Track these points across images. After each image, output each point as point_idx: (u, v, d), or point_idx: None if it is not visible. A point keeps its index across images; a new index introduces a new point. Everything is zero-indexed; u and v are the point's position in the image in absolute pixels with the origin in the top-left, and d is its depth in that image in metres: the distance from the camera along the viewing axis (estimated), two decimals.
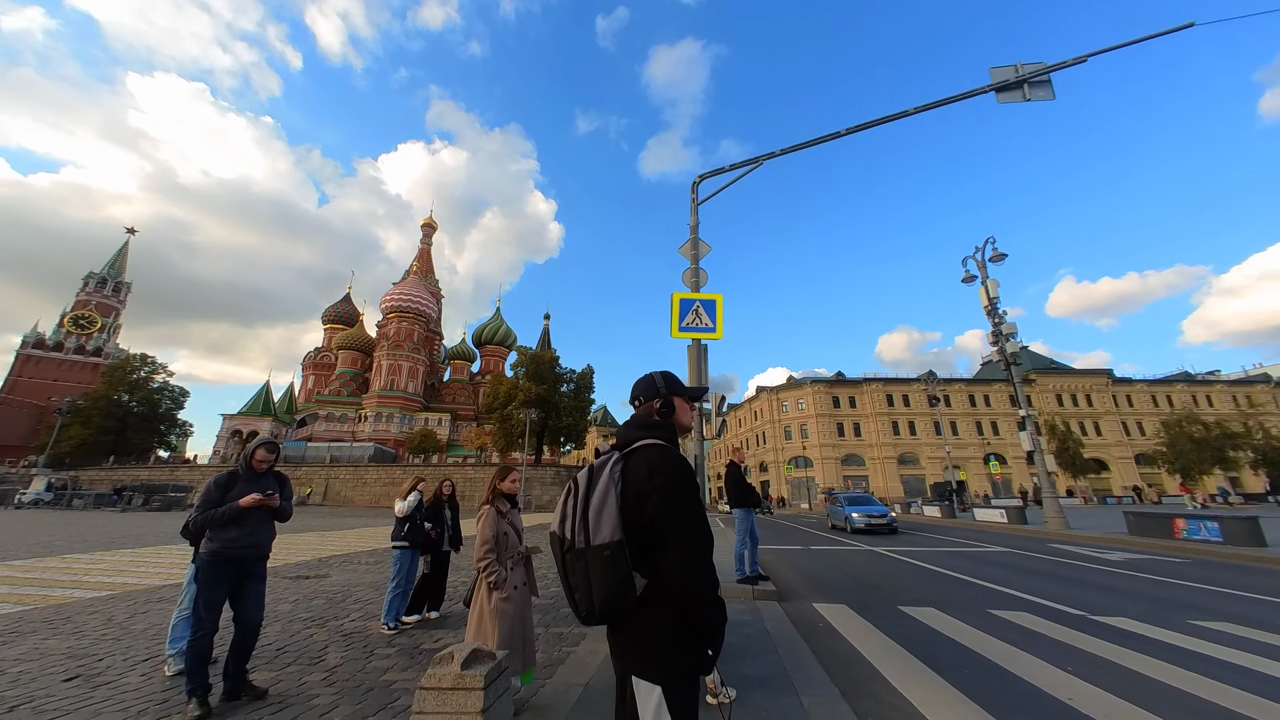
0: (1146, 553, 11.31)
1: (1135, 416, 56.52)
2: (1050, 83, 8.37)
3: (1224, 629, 5.03)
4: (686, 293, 7.45)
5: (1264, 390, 56.66)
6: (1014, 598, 6.56)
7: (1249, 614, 5.67)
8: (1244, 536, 10.97)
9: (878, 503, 18.39)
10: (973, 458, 53.88)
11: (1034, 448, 16.78)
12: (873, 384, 57.58)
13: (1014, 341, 18.98)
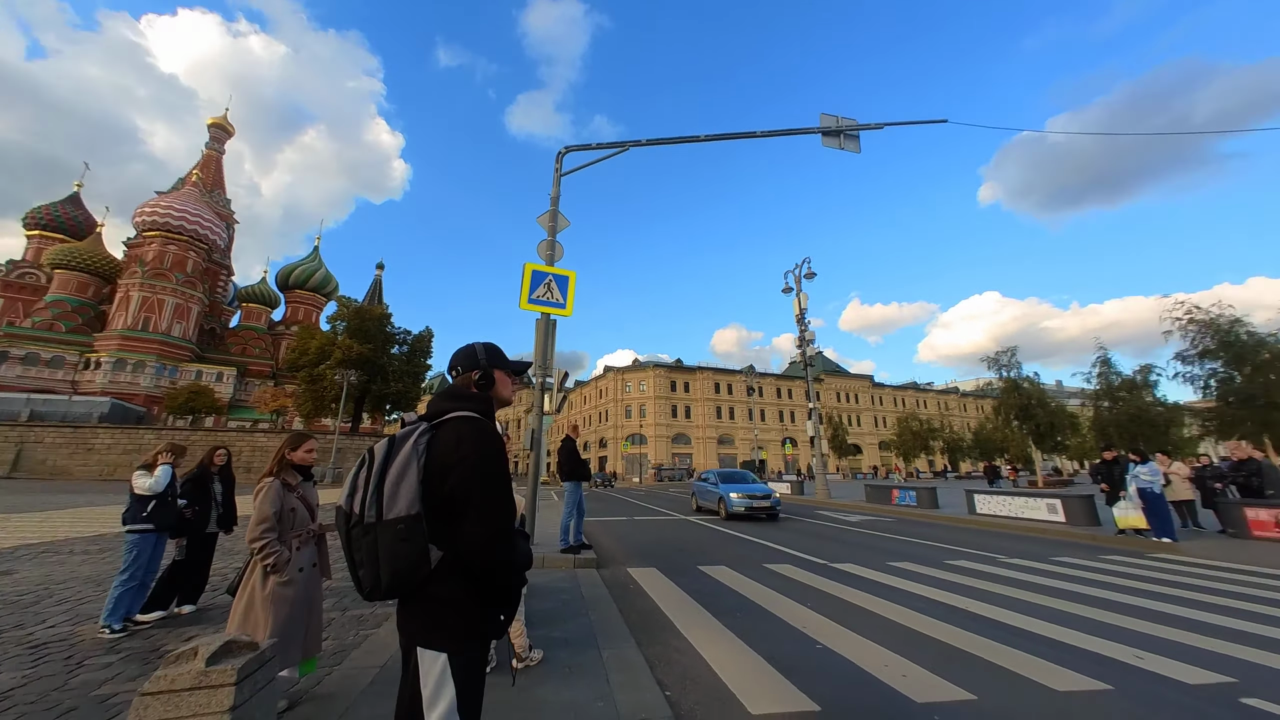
0: (874, 515, 14.96)
1: (883, 413, 73.74)
2: (858, 139, 10.20)
3: (906, 567, 6.97)
4: (540, 265, 7.27)
5: (955, 399, 79.10)
6: (784, 553, 8.09)
7: (924, 555, 7.95)
8: (928, 501, 15.29)
9: (755, 480, 15.02)
10: (774, 440, 64.22)
11: (815, 434, 20.72)
12: (705, 372, 64.18)
13: (813, 347, 23.03)
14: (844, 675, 3.33)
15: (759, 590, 5.55)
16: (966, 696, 2.98)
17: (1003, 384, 28.66)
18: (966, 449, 53.67)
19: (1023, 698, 3.02)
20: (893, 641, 3.92)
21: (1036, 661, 3.54)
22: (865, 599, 5.22)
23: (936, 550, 8.51)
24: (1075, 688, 3.12)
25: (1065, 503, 11.36)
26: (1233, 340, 18.51)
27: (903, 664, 3.46)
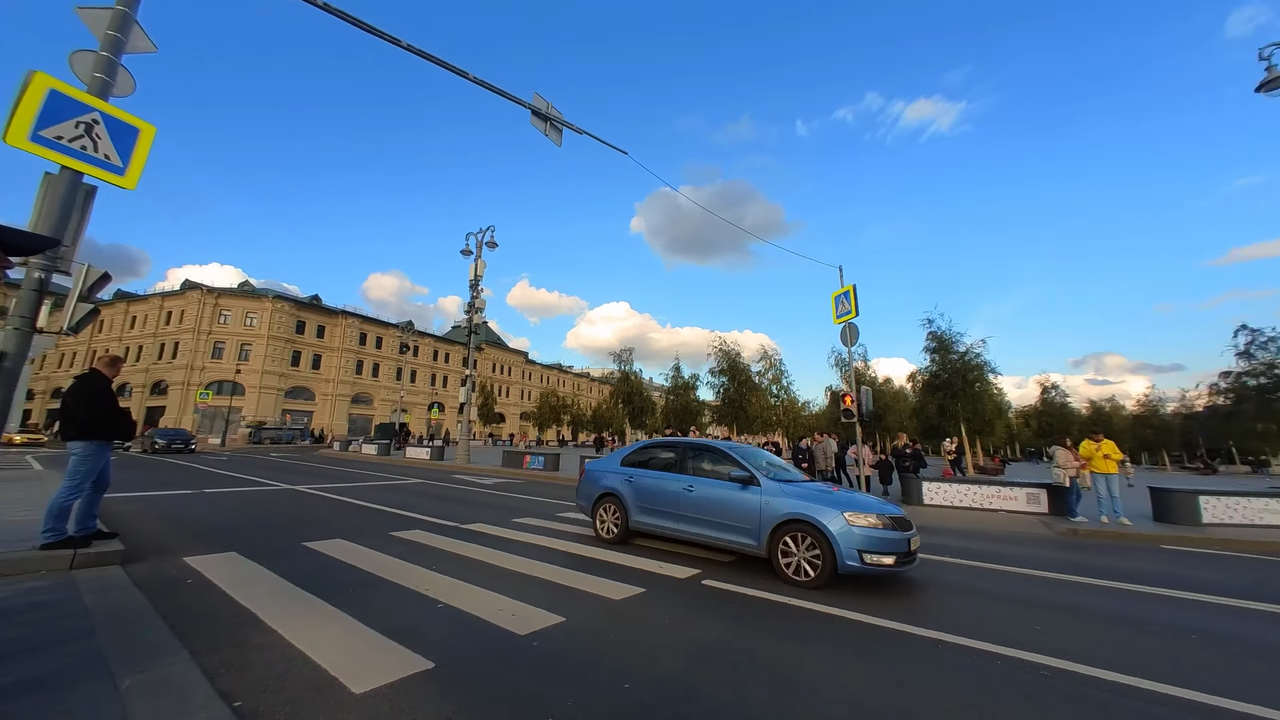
0: (508, 478, 16.39)
1: (530, 387, 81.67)
2: (563, 132, 10.93)
3: (528, 522, 7.96)
4: (71, 86, 4.41)
5: (586, 382, 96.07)
6: (414, 519, 7.79)
7: (543, 511, 9.26)
8: (552, 465, 18.00)
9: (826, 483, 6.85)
10: (421, 404, 60.93)
11: (467, 401, 20.90)
12: (350, 318, 54.54)
13: (481, 316, 23.18)
14: (462, 627, 3.50)
15: (381, 561, 5.15)
16: (557, 619, 3.67)
17: (619, 375, 36.88)
18: (586, 423, 65.99)
19: (595, 610, 3.96)
20: (509, 588, 4.40)
21: (603, 581, 4.71)
22: (490, 554, 5.64)
23: (553, 506, 10.08)
24: (626, 595, 4.34)
25: None
26: (734, 364, 29.95)
27: (515, 605, 3.94)
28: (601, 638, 3.41)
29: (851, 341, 13.81)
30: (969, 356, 25.40)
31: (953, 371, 25.28)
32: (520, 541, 6.43)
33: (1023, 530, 9.11)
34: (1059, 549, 7.59)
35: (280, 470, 16.00)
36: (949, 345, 25.65)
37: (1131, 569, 6.34)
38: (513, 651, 3.15)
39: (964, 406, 25.05)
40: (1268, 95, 11.33)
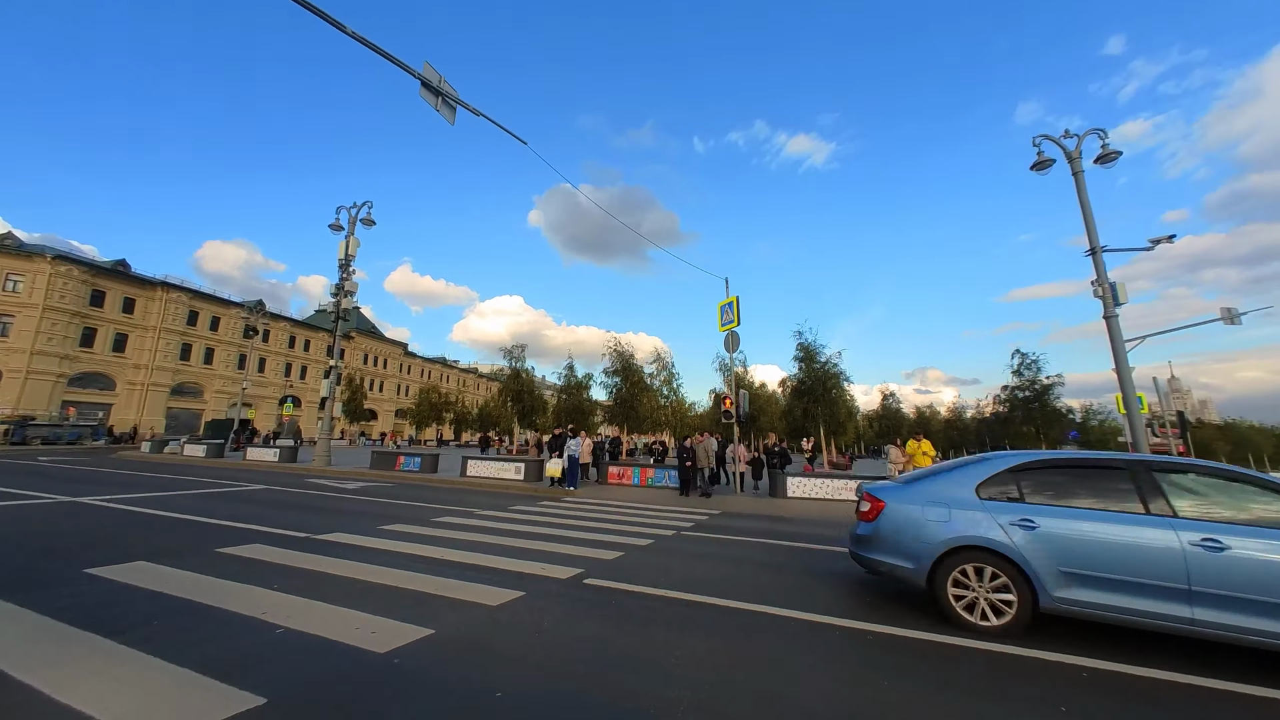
0: (376, 481, 14.80)
1: (409, 381, 74.84)
2: (455, 110, 10.21)
3: (397, 529, 7.27)
4: None
5: (473, 378, 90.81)
6: (252, 531, 6.66)
7: (416, 516, 8.51)
8: (430, 466, 16.68)
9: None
10: (271, 397, 52.47)
11: (329, 395, 18.48)
12: (176, 291, 45.08)
13: (352, 300, 20.63)
14: (307, 652, 3.06)
15: (203, 584, 4.31)
16: (425, 632, 3.40)
17: (509, 372, 35.46)
18: (471, 421, 62.30)
19: (469, 619, 3.74)
20: (369, 603, 3.97)
21: (480, 588, 4.49)
22: (348, 567, 5.04)
23: (427, 510, 9.34)
24: (503, 600, 4.17)
25: (526, 465, 15.16)
26: (628, 365, 30.54)
27: (375, 621, 3.56)
28: (474, 647, 3.23)
29: (733, 348, 14.93)
30: (829, 366, 29.00)
31: (815, 379, 28.64)
32: (386, 551, 5.84)
33: None
34: None
35: (57, 479, 12.65)
36: (814, 355, 29.02)
37: None
38: (368, 673, 2.84)
39: (823, 410, 28.51)
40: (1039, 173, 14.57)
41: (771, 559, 6.39)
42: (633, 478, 15.36)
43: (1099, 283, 14.12)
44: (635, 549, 6.55)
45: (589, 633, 3.58)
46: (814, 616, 4.08)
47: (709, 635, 3.60)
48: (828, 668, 3.13)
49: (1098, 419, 49.70)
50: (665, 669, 3.03)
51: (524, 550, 6.15)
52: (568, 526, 8.07)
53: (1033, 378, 33.31)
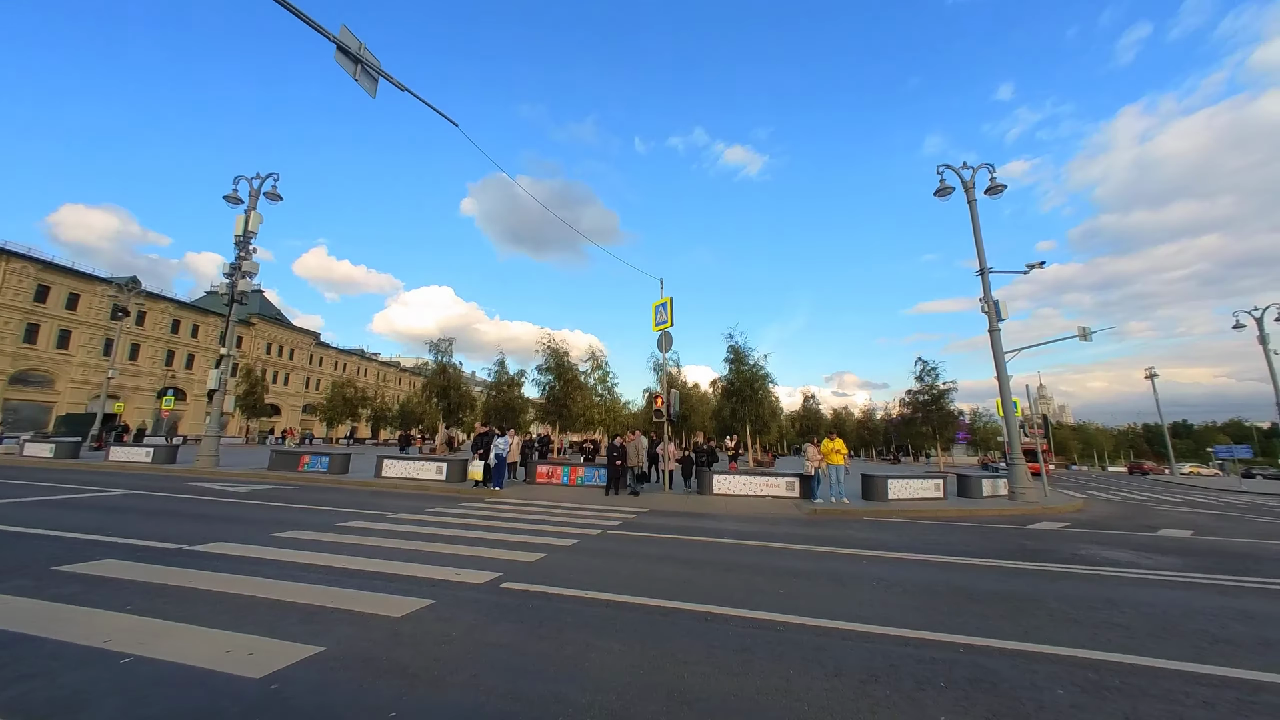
0: (274, 483, 13.35)
1: (319, 374, 68.60)
2: (378, 82, 9.44)
3: (295, 536, 6.57)
4: None
5: (394, 372, 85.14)
6: (106, 544, 5.72)
7: (318, 521, 7.75)
8: (340, 466, 15.35)
9: None
10: (146, 389, 45.87)
11: (218, 387, 16.44)
12: (18, 261, 38.03)
13: (252, 282, 18.48)
14: (158, 684, 2.64)
15: (29, 611, 3.61)
16: (313, 651, 3.06)
17: (435, 366, 33.58)
18: (391, 418, 58.31)
19: (368, 632, 3.43)
20: (248, 621, 3.52)
21: (384, 597, 4.15)
22: (228, 581, 4.45)
23: (333, 514, 8.56)
24: (408, 610, 3.87)
25: (450, 465, 14.39)
26: (562, 362, 30.02)
27: (252, 643, 3.15)
28: (370, 664, 2.95)
29: (666, 348, 15.13)
30: (757, 368, 30.32)
31: (744, 380, 29.84)
32: (277, 561, 5.25)
33: (782, 512, 11.17)
34: (805, 526, 9.51)
35: None
36: (743, 357, 30.21)
37: (845, 536, 8.31)
38: (236, 703, 2.49)
39: (750, 410, 29.77)
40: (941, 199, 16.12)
41: (693, 555, 6.51)
42: (562, 477, 15.11)
43: (985, 300, 15.93)
44: (558, 550, 6.40)
45: (501, 640, 3.41)
46: (728, 610, 4.18)
47: (627, 636, 3.57)
48: (735, 659, 3.21)
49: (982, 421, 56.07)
50: (579, 673, 2.95)
51: (438, 555, 5.80)
52: (490, 528, 7.73)
53: (932, 384, 36.98)
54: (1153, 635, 3.97)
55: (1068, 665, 3.31)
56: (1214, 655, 3.58)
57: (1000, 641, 3.68)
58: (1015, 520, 11.21)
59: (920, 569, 6.13)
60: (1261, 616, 4.58)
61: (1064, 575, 6.04)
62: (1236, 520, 12.95)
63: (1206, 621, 4.37)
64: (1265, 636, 4.04)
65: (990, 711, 2.67)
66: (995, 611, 4.49)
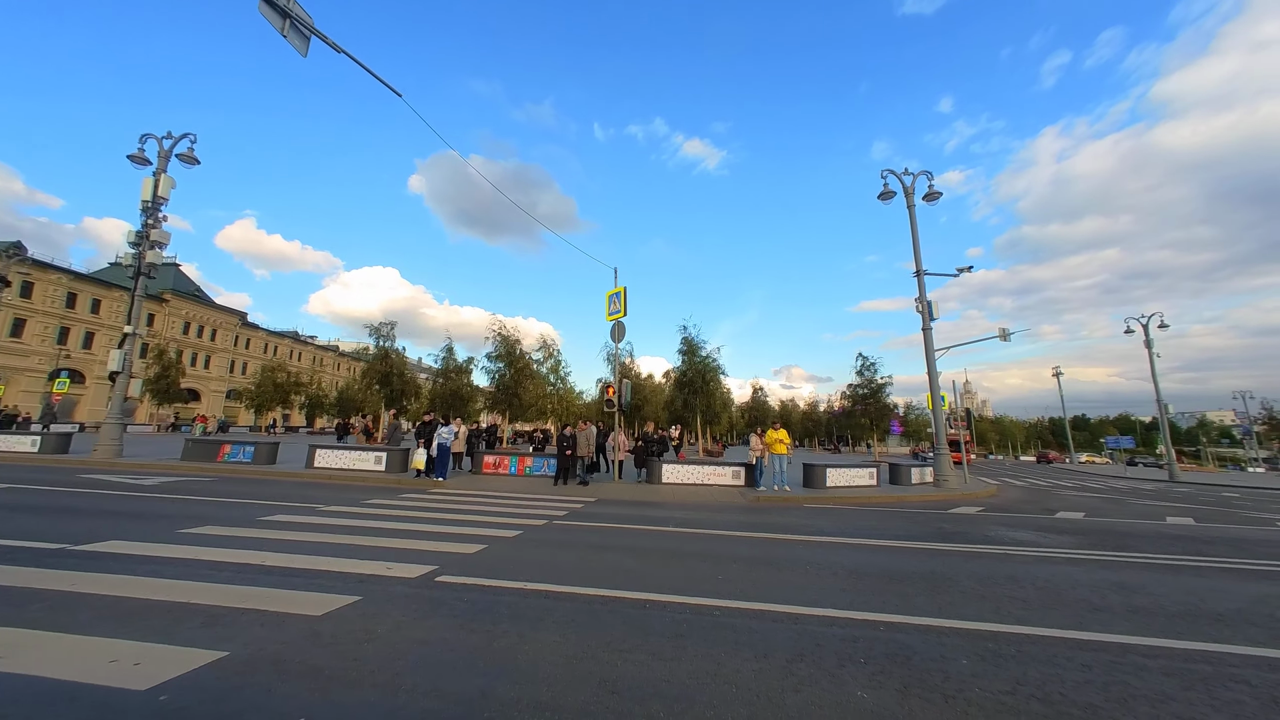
0: (188, 475, 12.23)
1: (246, 358, 63.42)
2: (310, 41, 8.70)
3: (207, 532, 6.03)
4: None
5: (332, 357, 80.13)
6: None
7: (237, 516, 7.16)
8: (266, 456, 14.28)
9: None
10: (35, 371, 40.69)
11: (121, 369, 14.79)
12: None
13: (163, 253, 16.67)
14: (20, 701, 2.32)
15: None
16: (215, 656, 2.81)
17: (378, 351, 31.86)
18: (328, 406, 54.94)
19: (282, 633, 3.19)
20: (139, 627, 3.19)
21: (304, 595, 3.89)
22: (119, 583, 4.01)
23: (255, 508, 7.95)
24: (331, 608, 3.65)
25: (389, 455, 13.73)
26: (513, 350, 29.29)
27: (141, 650, 2.85)
28: (280, 667, 2.75)
29: (619, 338, 15.08)
30: (709, 360, 30.87)
31: (697, 371, 30.31)
32: (182, 560, 4.80)
33: (728, 500, 11.48)
34: (748, 513, 9.81)
35: None
36: (696, 349, 30.65)
37: (785, 523, 8.65)
38: (117, 717, 2.24)
39: (702, 401, 30.33)
40: (884, 203, 16.90)
41: (638, 544, 6.56)
42: (510, 467, 14.80)
43: (920, 300, 16.95)
44: (501, 541, 6.25)
45: (429, 636, 3.28)
46: (667, 597, 4.24)
47: (563, 626, 3.53)
48: (669, 645, 3.24)
49: (915, 414, 60.07)
50: (509, 666, 2.88)
51: (371, 549, 5.51)
52: (430, 520, 7.44)
53: (871, 378, 39.13)
54: (1045, 606, 4.40)
55: (973, 637, 3.60)
56: (1093, 623, 4.00)
57: (917, 618, 3.95)
58: (938, 505, 12.09)
59: (851, 552, 6.48)
60: (1133, 586, 5.18)
61: (977, 555, 6.57)
62: (1120, 503, 14.62)
63: (1089, 593, 4.88)
64: (1134, 604, 4.57)
65: (903, 683, 2.85)
66: (915, 590, 4.81)
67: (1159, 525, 10.05)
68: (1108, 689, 2.88)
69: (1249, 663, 3.33)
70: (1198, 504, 15.12)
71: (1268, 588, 5.39)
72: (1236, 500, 16.93)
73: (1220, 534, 9.21)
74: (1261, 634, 3.91)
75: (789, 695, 2.67)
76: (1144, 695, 2.82)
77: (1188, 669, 3.20)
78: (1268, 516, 12.36)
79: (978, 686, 2.84)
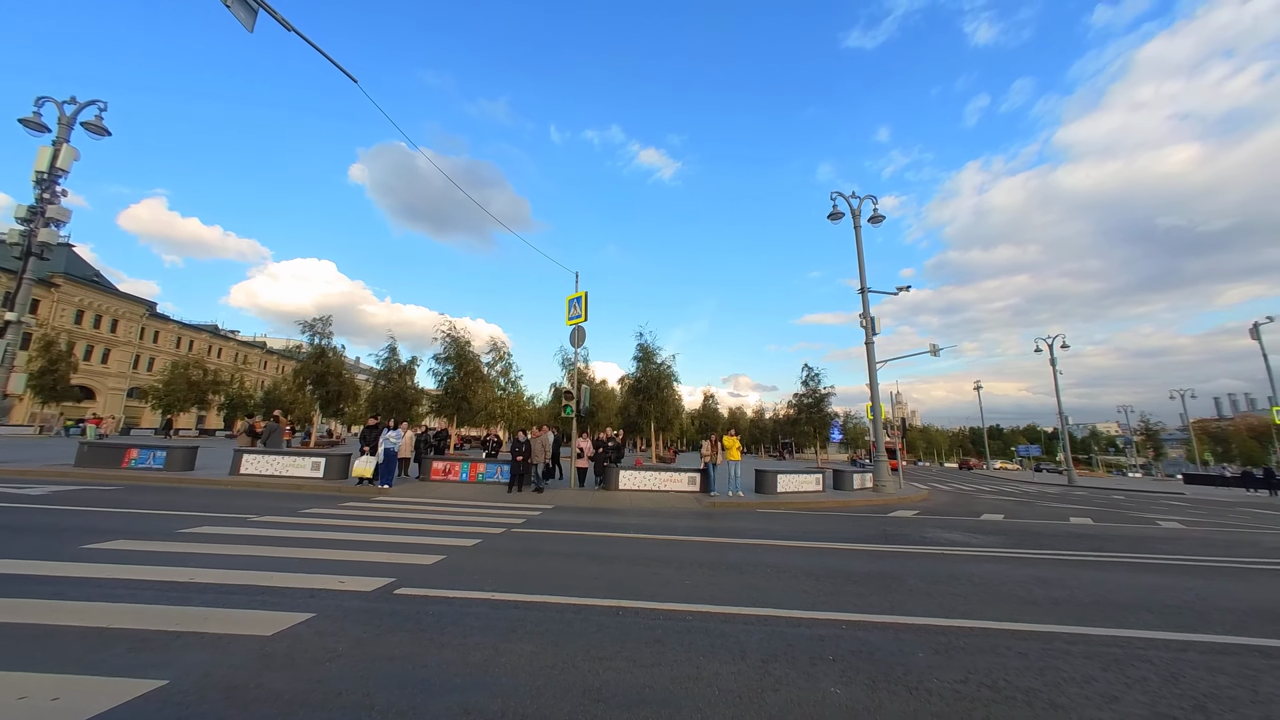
0: (88, 484, 10.85)
1: (153, 352, 57.15)
2: (257, 15, 8.09)
3: (116, 547, 5.38)
4: None
5: (258, 354, 73.87)
6: None
7: (152, 528, 6.44)
8: (182, 463, 12.93)
9: None
10: None
11: (1, 362, 12.91)
12: None
13: (55, 231, 14.76)
14: None
15: None
16: (151, 687, 2.52)
17: (312, 349, 29.73)
18: (253, 407, 50.48)
19: (228, 656, 2.91)
20: (46, 658, 2.80)
21: (249, 614, 3.58)
22: (9, 607, 3.51)
23: (173, 519, 7.18)
24: (282, 627, 3.37)
25: (328, 461, 12.84)
26: (463, 352, 28.29)
27: (59, 684, 2.51)
28: (233, 695, 2.50)
29: (579, 343, 14.97)
30: (664, 367, 31.23)
31: (651, 378, 30.57)
32: (89, 579, 4.25)
33: (684, 506, 11.63)
34: (705, 518, 9.99)
35: None
36: (652, 356, 30.93)
37: (741, 527, 8.89)
38: None
39: (656, 407, 30.59)
40: (833, 223, 17.88)
41: (601, 551, 6.52)
42: (461, 473, 14.25)
43: (864, 316, 18.03)
44: (460, 550, 6.02)
45: (396, 652, 3.10)
46: (639, 603, 4.25)
47: (538, 636, 3.45)
48: (648, 651, 3.26)
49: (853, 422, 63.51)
50: (488, 679, 2.78)
51: (317, 562, 5.13)
52: (380, 530, 7.04)
53: (814, 388, 41.05)
54: (983, 601, 4.80)
55: (926, 632, 3.87)
56: (1023, 614, 4.41)
57: (874, 616, 4.19)
58: (879, 510, 12.86)
59: (805, 555, 6.77)
60: (1052, 581, 5.76)
61: (919, 556, 7.05)
62: (1031, 505, 16.17)
63: (1017, 588, 5.38)
64: (1054, 597, 5.08)
65: (870, 678, 3.02)
66: (868, 590, 5.10)
67: (1065, 525, 11.21)
68: (1043, 673, 3.19)
69: (1150, 645, 3.80)
70: (1094, 505, 17.01)
71: (1158, 579, 6.16)
72: (1123, 502, 19.19)
73: (1116, 532, 10.42)
74: (1156, 619, 4.46)
75: (769, 695, 2.76)
76: (1072, 677, 3.15)
77: (1104, 652, 3.60)
78: (1150, 516, 14.10)
79: (935, 677, 3.06)
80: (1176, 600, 5.10)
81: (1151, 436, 65.86)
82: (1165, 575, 6.38)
